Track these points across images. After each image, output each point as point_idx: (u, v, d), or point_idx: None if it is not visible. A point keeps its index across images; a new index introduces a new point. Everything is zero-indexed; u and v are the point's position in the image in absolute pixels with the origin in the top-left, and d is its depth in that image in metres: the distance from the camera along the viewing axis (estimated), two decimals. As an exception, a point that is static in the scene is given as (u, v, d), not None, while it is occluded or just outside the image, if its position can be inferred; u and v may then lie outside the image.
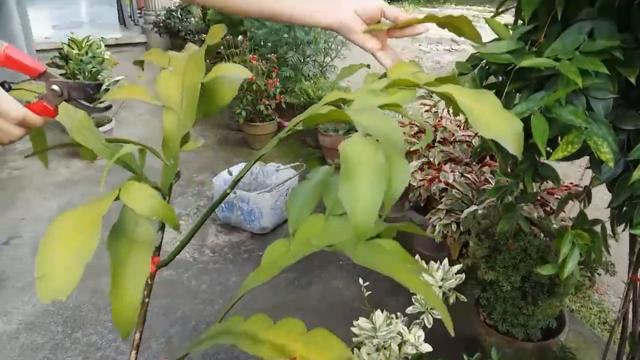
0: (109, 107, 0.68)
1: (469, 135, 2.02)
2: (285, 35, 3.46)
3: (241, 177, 0.71)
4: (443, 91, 0.55)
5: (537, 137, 0.84)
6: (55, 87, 0.58)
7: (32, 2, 6.02)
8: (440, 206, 1.75)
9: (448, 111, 2.22)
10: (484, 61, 1.08)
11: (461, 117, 2.16)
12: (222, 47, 3.48)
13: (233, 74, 0.81)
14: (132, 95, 0.72)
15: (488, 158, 1.92)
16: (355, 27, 0.71)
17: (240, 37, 3.43)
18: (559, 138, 0.89)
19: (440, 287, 1.31)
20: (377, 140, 0.48)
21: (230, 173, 2.56)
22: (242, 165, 2.63)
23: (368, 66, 0.78)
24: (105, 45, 3.71)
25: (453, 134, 2.09)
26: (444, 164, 1.97)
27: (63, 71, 3.46)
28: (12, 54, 0.56)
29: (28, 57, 0.57)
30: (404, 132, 2.20)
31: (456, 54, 5.93)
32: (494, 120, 0.51)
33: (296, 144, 3.47)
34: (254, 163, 0.71)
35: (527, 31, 0.97)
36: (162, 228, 0.80)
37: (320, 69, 3.60)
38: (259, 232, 2.40)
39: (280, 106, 3.40)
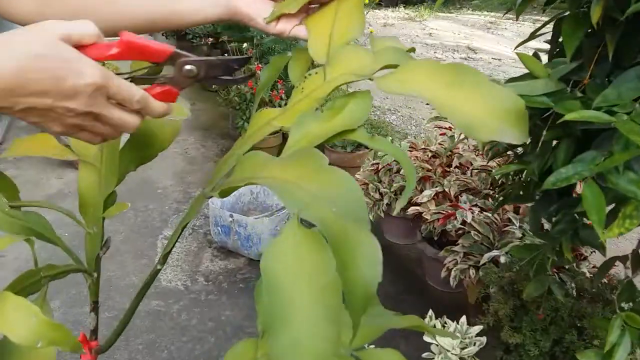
0: (252, 75, 0.53)
1: (488, 166, 1.83)
2: (294, 43, 3.29)
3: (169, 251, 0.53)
4: (399, 84, 0.40)
5: (591, 214, 0.66)
6: (189, 66, 0.49)
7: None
8: (456, 247, 1.56)
9: (466, 136, 2.03)
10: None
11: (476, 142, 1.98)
12: (226, 55, 3.33)
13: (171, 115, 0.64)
14: (34, 149, 0.56)
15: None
16: (252, 13, 0.58)
17: (245, 45, 3.27)
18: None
19: (457, 355, 1.13)
20: (319, 228, 0.32)
21: (228, 192, 2.40)
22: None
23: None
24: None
25: (471, 163, 1.90)
26: (460, 195, 1.78)
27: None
28: (134, 39, 0.46)
29: (152, 41, 0.47)
30: (416, 157, 2.02)
31: (472, 62, 5.72)
32: (486, 111, 0.35)
33: (302, 158, 3.30)
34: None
35: (570, 70, 0.80)
36: (94, 309, 0.64)
37: (330, 79, 3.42)
38: (257, 258, 2.23)
39: (287, 117, 3.24)
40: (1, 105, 0.40)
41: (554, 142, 0.87)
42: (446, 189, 1.82)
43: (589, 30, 0.77)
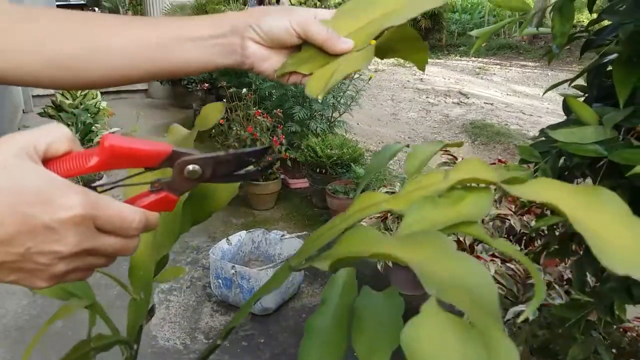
0: (270, 166, 0.45)
1: (502, 214, 1.77)
2: (293, 88, 3.27)
3: None
4: (534, 192, 0.36)
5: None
6: (192, 167, 0.40)
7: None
8: (477, 301, 1.47)
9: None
10: (557, 149, 0.85)
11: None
12: (224, 100, 3.30)
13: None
14: None
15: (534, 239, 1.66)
16: (261, 65, 0.54)
17: (244, 90, 3.24)
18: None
19: None
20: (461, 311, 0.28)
21: (229, 242, 2.30)
22: (242, 233, 2.37)
23: (407, 146, 0.56)
24: (105, 92, 3.53)
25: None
26: (476, 244, 1.71)
27: (54, 121, 3.27)
28: (118, 143, 0.36)
29: (142, 141, 0.38)
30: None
31: (465, 107, 5.78)
32: (628, 243, 0.31)
33: (302, 204, 3.23)
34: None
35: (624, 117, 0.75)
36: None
37: (329, 124, 3.40)
38: (260, 313, 2.11)
39: (286, 163, 3.18)
40: None
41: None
42: (460, 238, 1.75)
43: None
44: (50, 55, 0.49)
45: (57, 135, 0.35)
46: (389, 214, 2.04)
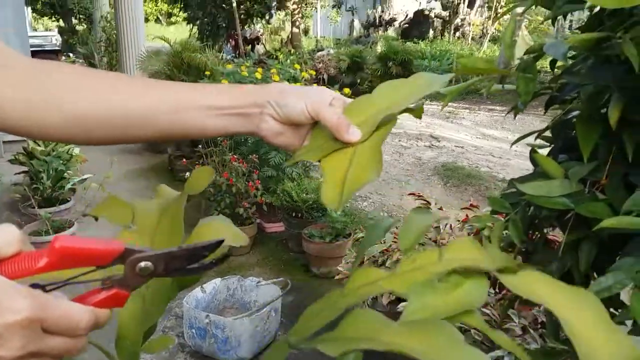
0: (220, 261, 0.45)
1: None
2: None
3: None
4: (526, 288, 0.38)
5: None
6: (144, 264, 0.40)
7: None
8: (455, 348, 1.47)
9: (451, 225, 2.01)
10: (526, 200, 0.88)
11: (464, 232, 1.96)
12: (200, 146, 3.31)
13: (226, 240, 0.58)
14: None
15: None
16: (274, 138, 0.57)
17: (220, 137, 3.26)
18: None
19: None
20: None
21: (204, 290, 2.26)
22: (217, 281, 2.33)
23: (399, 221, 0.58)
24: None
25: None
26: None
27: (26, 168, 3.22)
28: (69, 244, 0.36)
29: (93, 240, 0.38)
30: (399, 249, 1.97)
31: (436, 150, 5.91)
32: (607, 348, 0.34)
33: (278, 248, 3.21)
34: None
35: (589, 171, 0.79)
36: None
37: (304, 168, 3.43)
38: (235, 363, 2.06)
39: (261, 207, 3.18)
40: None
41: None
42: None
43: (603, 127, 0.77)
44: (67, 110, 0.51)
45: (6, 237, 0.35)
46: (365, 259, 2.05)
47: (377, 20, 14.37)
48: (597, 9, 0.73)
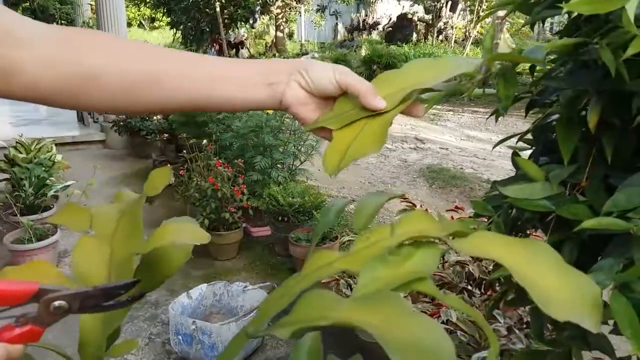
0: (140, 297, 0.45)
1: (463, 261, 1.81)
2: (254, 139, 3.30)
3: None
4: (476, 247, 0.39)
5: (625, 328, 0.61)
6: (58, 303, 0.40)
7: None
8: (442, 350, 1.48)
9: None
10: (509, 203, 0.89)
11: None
12: (184, 151, 3.29)
13: (185, 239, 0.57)
14: (28, 277, 0.47)
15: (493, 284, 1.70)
16: (298, 107, 0.58)
17: (205, 141, 3.25)
18: None
19: None
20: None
21: (189, 296, 2.24)
22: (203, 286, 2.32)
23: (353, 200, 0.59)
24: (62, 144, 3.45)
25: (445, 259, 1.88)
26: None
27: (7, 175, 3.16)
28: None
29: (7, 281, 0.39)
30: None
31: (421, 152, 5.95)
32: (564, 291, 0.35)
33: (264, 252, 3.20)
34: None
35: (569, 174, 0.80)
36: None
37: (290, 172, 3.42)
38: (222, 369, 2.04)
39: (247, 211, 3.17)
40: None
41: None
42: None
43: (582, 130, 0.78)
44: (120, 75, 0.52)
45: None
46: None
47: (361, 24, 14.44)
48: (575, 14, 0.75)
